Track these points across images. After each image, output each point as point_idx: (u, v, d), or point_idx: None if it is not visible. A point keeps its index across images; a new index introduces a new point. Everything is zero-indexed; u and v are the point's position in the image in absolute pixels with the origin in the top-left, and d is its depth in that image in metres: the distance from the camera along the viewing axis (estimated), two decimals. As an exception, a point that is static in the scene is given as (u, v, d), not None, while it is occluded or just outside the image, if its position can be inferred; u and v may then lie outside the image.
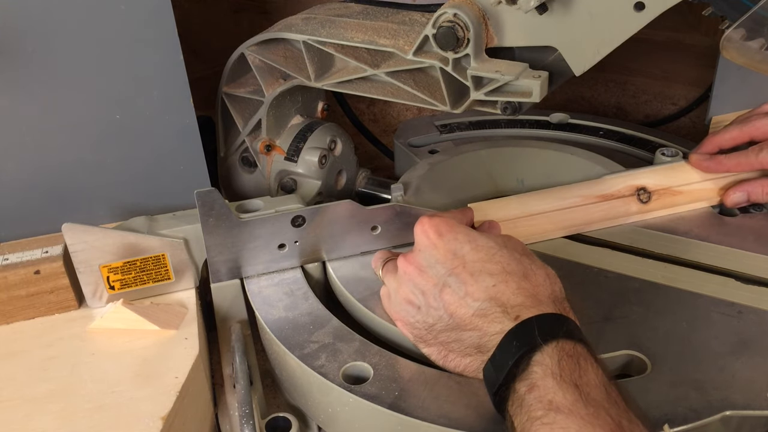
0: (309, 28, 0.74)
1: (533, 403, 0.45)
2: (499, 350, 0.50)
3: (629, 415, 0.44)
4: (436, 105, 0.70)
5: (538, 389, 0.46)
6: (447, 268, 0.55)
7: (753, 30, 0.60)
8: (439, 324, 0.55)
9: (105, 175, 0.70)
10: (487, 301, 0.52)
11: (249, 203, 0.71)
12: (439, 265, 0.56)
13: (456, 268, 0.55)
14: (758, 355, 0.57)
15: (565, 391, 0.45)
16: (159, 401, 0.57)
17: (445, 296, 0.54)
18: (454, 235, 0.56)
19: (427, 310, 0.56)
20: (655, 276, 0.68)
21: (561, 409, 0.44)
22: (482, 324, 0.52)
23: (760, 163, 0.72)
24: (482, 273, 0.54)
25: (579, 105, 1.12)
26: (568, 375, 0.46)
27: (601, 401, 0.44)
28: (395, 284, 0.60)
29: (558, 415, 0.44)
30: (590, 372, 0.46)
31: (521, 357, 0.48)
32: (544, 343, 0.47)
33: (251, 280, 0.70)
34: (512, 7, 0.60)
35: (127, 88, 0.67)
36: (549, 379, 0.46)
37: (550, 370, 0.46)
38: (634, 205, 0.75)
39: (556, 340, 0.48)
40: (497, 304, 0.52)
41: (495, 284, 0.53)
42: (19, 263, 0.65)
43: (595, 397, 0.45)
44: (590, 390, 0.45)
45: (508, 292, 0.53)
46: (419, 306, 0.57)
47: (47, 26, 0.62)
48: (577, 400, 0.44)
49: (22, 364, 0.62)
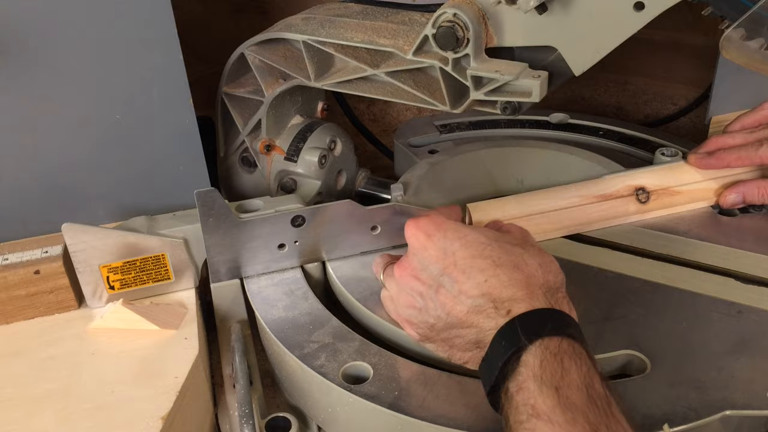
0: (309, 28, 0.74)
1: (520, 405, 0.46)
2: (491, 350, 0.50)
3: (609, 420, 0.44)
4: (435, 105, 0.70)
5: (524, 392, 0.46)
6: (439, 268, 0.55)
7: (753, 30, 0.60)
8: (438, 323, 0.55)
9: (105, 175, 0.70)
10: (480, 297, 0.52)
11: (249, 203, 0.71)
12: (432, 266, 0.56)
13: (448, 267, 0.55)
14: (758, 355, 0.57)
15: (545, 395, 0.45)
16: (159, 401, 0.57)
17: (441, 296, 0.55)
18: (443, 233, 0.56)
19: (427, 311, 0.56)
20: (655, 276, 0.68)
21: (541, 415, 0.44)
22: (478, 320, 0.52)
23: (759, 157, 0.72)
24: (473, 269, 0.54)
25: (579, 105, 1.12)
26: (549, 377, 0.45)
27: (581, 405, 0.44)
28: (396, 289, 0.60)
29: (538, 422, 0.44)
30: (573, 372, 0.46)
31: (510, 357, 0.48)
32: (528, 343, 0.47)
33: (251, 280, 0.70)
34: (512, 7, 0.60)
35: (127, 88, 0.67)
36: (531, 381, 0.46)
37: (533, 372, 0.46)
38: (633, 205, 0.75)
39: (540, 339, 0.47)
40: (490, 300, 0.52)
41: (486, 279, 0.53)
42: (19, 263, 0.65)
43: (574, 401, 0.44)
44: (570, 393, 0.45)
45: (499, 285, 0.52)
46: (419, 308, 0.57)
47: (47, 26, 0.62)
48: (556, 406, 0.44)
49: (22, 364, 0.62)
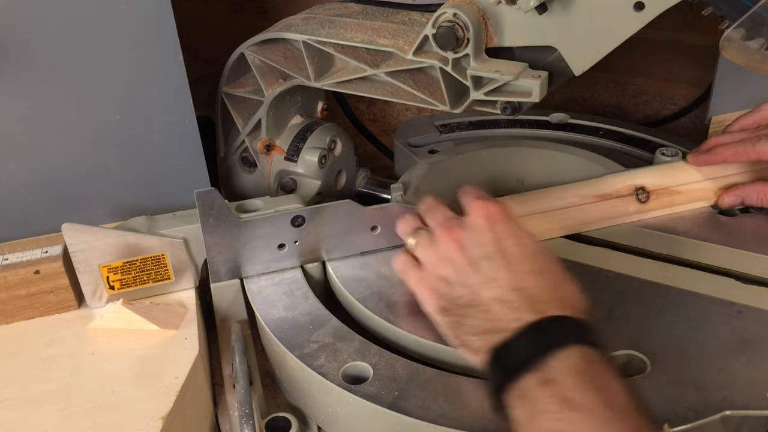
0: (309, 28, 0.74)
1: (544, 397, 0.45)
2: (519, 337, 0.49)
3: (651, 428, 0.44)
4: (435, 105, 0.70)
5: (556, 384, 0.45)
6: (486, 252, 0.56)
7: (753, 30, 0.60)
8: (461, 300, 0.56)
9: (105, 175, 0.70)
10: (512, 291, 0.53)
11: (249, 203, 0.71)
12: (480, 247, 0.56)
13: (494, 255, 0.55)
14: (758, 355, 0.57)
15: (588, 391, 0.44)
16: (159, 401, 0.57)
17: (475, 275, 0.55)
18: (505, 224, 0.57)
19: (456, 285, 0.57)
20: (655, 276, 0.68)
21: (581, 409, 0.44)
22: (498, 309, 0.52)
23: (756, 153, 0.71)
24: (516, 266, 0.54)
25: (579, 105, 1.12)
26: (591, 377, 0.45)
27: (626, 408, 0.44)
28: (433, 258, 0.60)
29: (575, 414, 0.44)
30: (614, 380, 0.46)
31: (542, 350, 0.47)
32: (571, 343, 0.47)
33: (251, 280, 0.70)
34: (512, 7, 0.60)
35: (127, 88, 0.67)
36: (570, 376, 0.45)
37: (574, 369, 0.46)
38: (633, 204, 0.75)
39: (583, 344, 0.47)
40: (521, 296, 0.52)
41: (525, 279, 0.53)
42: (19, 263, 0.65)
43: (621, 403, 0.44)
44: (616, 394, 0.45)
45: (537, 288, 0.53)
46: (451, 281, 0.57)
47: (47, 26, 0.62)
48: (602, 404, 0.44)
49: (22, 364, 0.62)
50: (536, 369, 0.47)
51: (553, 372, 0.46)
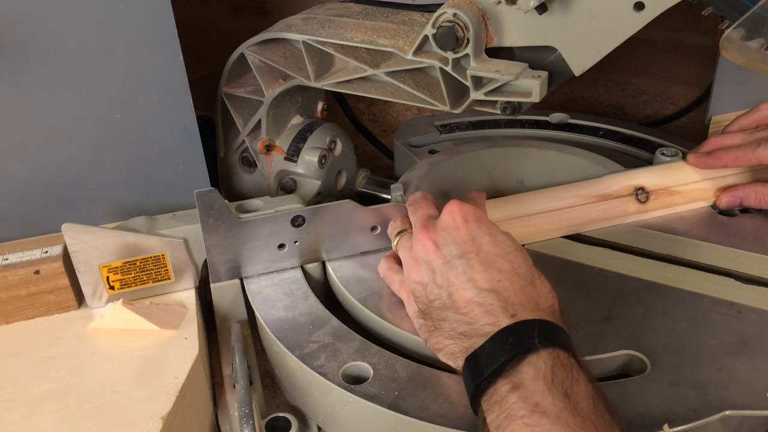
0: (309, 28, 0.74)
1: (515, 401, 0.45)
2: (491, 343, 0.50)
3: (614, 429, 0.45)
4: (435, 105, 0.70)
5: (525, 389, 0.46)
6: (460, 251, 0.56)
7: (753, 30, 0.60)
8: (437, 301, 0.56)
9: (105, 175, 0.70)
10: (488, 292, 0.53)
11: (249, 203, 0.71)
12: (455, 246, 0.57)
13: (469, 253, 0.55)
14: (758, 355, 0.57)
15: (555, 396, 0.45)
16: (159, 401, 0.57)
17: (451, 276, 0.55)
18: (478, 223, 0.58)
19: (432, 286, 0.57)
20: (655, 276, 0.68)
21: (547, 414, 0.44)
22: (476, 312, 0.52)
23: (756, 158, 0.72)
24: (492, 266, 0.54)
25: (579, 105, 1.12)
26: (560, 382, 0.46)
27: (589, 413, 0.45)
28: (410, 260, 0.61)
29: (543, 419, 0.44)
30: (582, 383, 0.46)
31: (514, 355, 0.48)
32: (541, 347, 0.48)
33: (251, 280, 0.70)
34: (512, 7, 0.60)
35: (127, 88, 0.67)
36: (540, 382, 0.46)
37: (543, 373, 0.46)
38: (633, 205, 0.75)
39: (553, 348, 0.48)
40: (497, 298, 0.52)
41: (500, 280, 0.53)
42: (19, 263, 0.65)
43: (583, 407, 0.45)
44: (580, 400, 0.45)
45: (511, 290, 0.53)
46: (426, 283, 0.58)
47: (47, 26, 0.62)
48: (566, 408, 0.44)
49: (22, 364, 0.62)
50: (509, 374, 0.47)
51: (525, 377, 0.46)
